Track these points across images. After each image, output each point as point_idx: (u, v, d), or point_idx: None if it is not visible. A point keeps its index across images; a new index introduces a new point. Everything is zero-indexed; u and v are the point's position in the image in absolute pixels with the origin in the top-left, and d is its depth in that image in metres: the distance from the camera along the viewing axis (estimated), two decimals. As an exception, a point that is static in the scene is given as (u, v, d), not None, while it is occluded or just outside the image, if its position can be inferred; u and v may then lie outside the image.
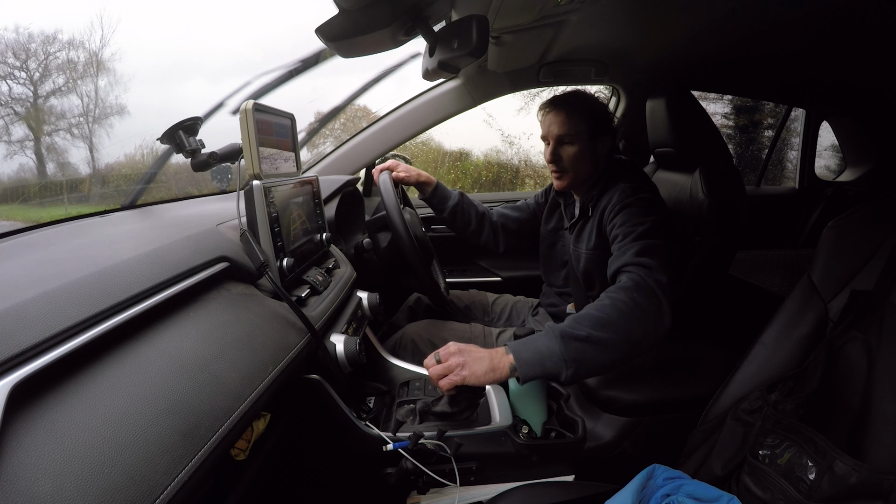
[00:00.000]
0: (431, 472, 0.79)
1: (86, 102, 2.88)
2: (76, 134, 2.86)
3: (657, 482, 0.73)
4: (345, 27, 0.82)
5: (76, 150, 2.85)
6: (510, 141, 3.81)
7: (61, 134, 2.81)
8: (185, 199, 1.30)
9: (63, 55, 2.85)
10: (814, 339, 0.79)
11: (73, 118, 2.83)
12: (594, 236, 1.12)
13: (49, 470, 0.34)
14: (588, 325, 0.79)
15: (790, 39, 1.15)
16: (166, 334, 0.53)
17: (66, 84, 2.86)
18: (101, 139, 2.90)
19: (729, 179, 1.29)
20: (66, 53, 2.87)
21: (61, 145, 2.82)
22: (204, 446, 0.45)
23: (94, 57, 2.94)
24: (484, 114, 3.68)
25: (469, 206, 1.40)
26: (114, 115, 2.98)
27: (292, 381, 0.77)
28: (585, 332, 0.78)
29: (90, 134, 2.87)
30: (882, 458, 0.63)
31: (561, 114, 1.14)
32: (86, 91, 2.89)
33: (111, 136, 2.91)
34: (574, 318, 0.81)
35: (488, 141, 3.92)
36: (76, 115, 2.85)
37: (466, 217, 1.39)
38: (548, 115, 1.16)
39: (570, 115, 1.13)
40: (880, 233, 0.78)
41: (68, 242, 0.69)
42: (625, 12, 1.13)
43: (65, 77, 2.87)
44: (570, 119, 1.13)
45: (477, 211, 1.41)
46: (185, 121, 0.82)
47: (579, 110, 1.13)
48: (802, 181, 2.39)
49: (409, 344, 1.18)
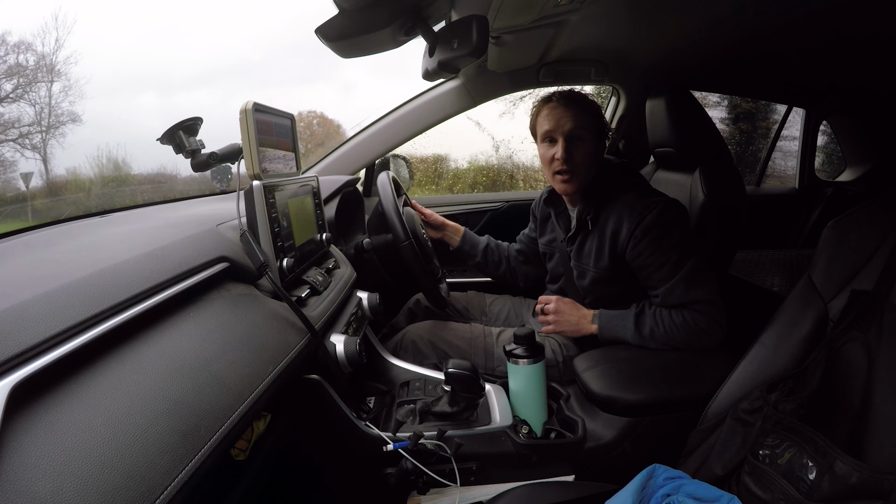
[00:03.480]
0: (431, 472, 0.79)
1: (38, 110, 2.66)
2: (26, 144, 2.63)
3: (657, 482, 0.73)
4: (345, 27, 0.83)
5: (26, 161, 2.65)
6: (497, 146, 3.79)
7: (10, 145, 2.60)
8: (185, 200, 1.30)
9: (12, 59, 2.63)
10: (814, 339, 0.79)
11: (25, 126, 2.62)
12: (605, 257, 1.08)
13: (49, 470, 0.34)
14: (660, 341, 1.02)
15: (790, 39, 1.15)
16: (166, 334, 0.53)
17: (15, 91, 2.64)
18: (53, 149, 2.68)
19: (729, 179, 1.29)
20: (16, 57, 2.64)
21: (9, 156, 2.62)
22: (204, 446, 0.45)
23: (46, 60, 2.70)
24: (471, 122, 3.66)
25: (496, 246, 1.43)
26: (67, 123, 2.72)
27: (292, 381, 0.77)
28: (655, 345, 1.03)
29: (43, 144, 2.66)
30: (882, 458, 0.63)
31: (573, 109, 1.07)
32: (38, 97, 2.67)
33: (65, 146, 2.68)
34: (649, 330, 1.03)
35: (477, 146, 3.90)
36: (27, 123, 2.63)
37: (496, 258, 1.42)
38: (556, 110, 1.08)
39: (582, 110, 1.07)
40: (880, 233, 0.78)
41: (68, 242, 0.69)
42: (625, 12, 1.13)
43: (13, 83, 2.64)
44: (583, 114, 1.07)
45: (503, 250, 1.43)
46: (185, 121, 0.82)
47: (589, 107, 1.09)
48: (802, 181, 2.39)
49: (410, 345, 1.18)
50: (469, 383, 0.84)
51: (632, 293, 1.10)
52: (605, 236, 1.08)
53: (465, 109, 1.67)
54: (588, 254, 1.13)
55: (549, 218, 1.29)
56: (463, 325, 1.24)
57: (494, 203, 1.90)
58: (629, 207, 1.04)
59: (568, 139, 1.07)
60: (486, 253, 1.41)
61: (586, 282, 1.15)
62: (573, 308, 1.14)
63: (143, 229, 0.80)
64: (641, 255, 1.03)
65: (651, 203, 1.03)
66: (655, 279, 1.03)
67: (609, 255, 1.08)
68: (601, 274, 1.11)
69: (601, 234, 1.09)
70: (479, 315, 1.42)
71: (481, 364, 1.14)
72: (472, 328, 1.23)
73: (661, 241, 1.01)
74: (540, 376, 0.92)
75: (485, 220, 1.96)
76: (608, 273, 1.10)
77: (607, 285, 1.12)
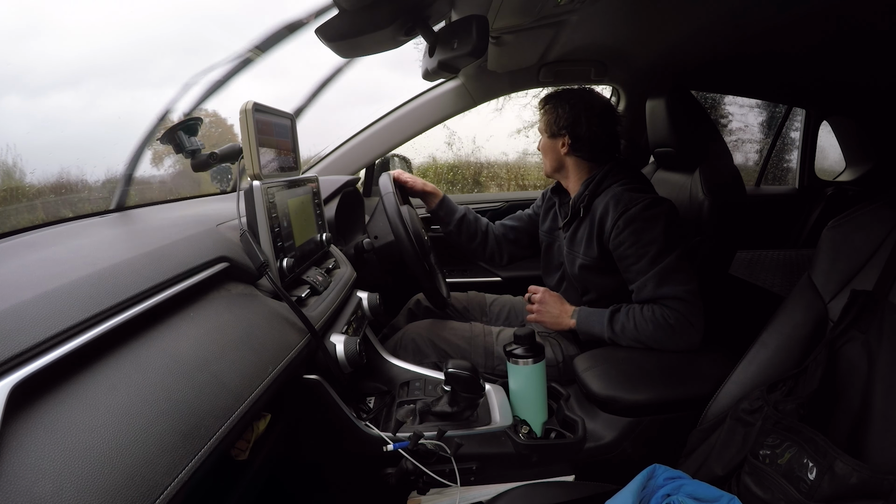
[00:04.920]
0: (431, 472, 0.79)
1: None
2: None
3: (658, 482, 0.73)
4: (345, 28, 0.83)
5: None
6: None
7: None
8: (185, 200, 1.30)
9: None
10: (814, 339, 0.79)
11: None
12: (594, 245, 1.11)
13: (49, 470, 0.34)
14: (630, 336, 1.03)
15: (790, 39, 1.15)
16: (166, 334, 0.53)
17: None
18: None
19: (729, 179, 1.29)
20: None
21: None
22: (204, 446, 0.45)
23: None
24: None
25: (475, 218, 1.41)
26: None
27: (292, 381, 0.77)
28: (627, 342, 1.04)
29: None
30: (882, 458, 0.63)
31: (539, 106, 1.23)
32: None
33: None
34: (620, 326, 1.04)
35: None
36: None
37: (472, 230, 1.40)
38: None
39: (541, 109, 1.22)
40: (880, 233, 0.78)
41: (68, 242, 0.69)
42: (624, 12, 1.13)
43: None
44: (540, 113, 1.22)
45: (481, 224, 1.41)
46: (185, 121, 0.82)
47: (546, 106, 1.20)
48: (802, 181, 2.39)
49: (410, 344, 1.18)
50: (469, 383, 0.84)
51: (622, 292, 1.11)
52: (594, 223, 1.11)
53: (465, 109, 1.67)
54: (580, 241, 1.16)
55: (553, 207, 1.32)
56: (463, 324, 1.24)
57: (494, 203, 1.90)
58: (617, 197, 1.07)
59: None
60: (462, 223, 1.38)
61: (576, 269, 1.17)
62: (557, 301, 1.16)
63: (142, 229, 0.80)
64: (622, 245, 1.04)
65: (638, 197, 1.06)
66: (633, 272, 1.05)
67: (597, 242, 1.10)
68: (589, 262, 1.13)
69: (591, 221, 1.12)
70: (480, 315, 1.42)
71: (481, 363, 1.15)
72: (472, 327, 1.23)
73: (641, 234, 1.02)
74: (540, 376, 0.92)
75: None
76: (596, 262, 1.12)
77: (597, 275, 1.14)
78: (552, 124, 1.18)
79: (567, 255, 1.20)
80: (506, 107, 3.62)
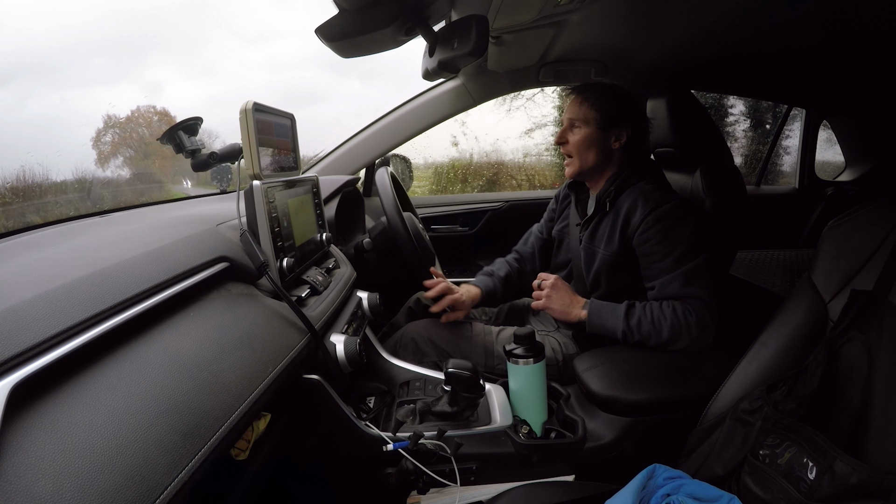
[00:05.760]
0: (431, 472, 0.79)
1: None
2: None
3: (658, 482, 0.73)
4: (345, 27, 0.83)
5: None
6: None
7: None
8: (185, 200, 1.30)
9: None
10: (814, 339, 0.79)
11: None
12: (615, 240, 1.10)
13: (49, 470, 0.34)
14: (645, 332, 1.02)
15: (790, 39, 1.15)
16: (166, 334, 0.53)
17: None
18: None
19: (729, 179, 1.29)
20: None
21: None
22: (204, 446, 0.45)
23: None
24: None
25: (506, 276, 1.37)
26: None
27: (292, 381, 0.77)
28: (637, 338, 1.03)
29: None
30: (882, 458, 0.63)
31: (577, 98, 1.15)
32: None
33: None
34: (637, 320, 1.02)
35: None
36: None
37: (513, 282, 1.39)
38: (567, 99, 1.19)
39: (584, 100, 1.14)
40: (880, 233, 0.78)
41: (68, 242, 0.69)
42: (625, 12, 1.13)
43: None
44: (583, 105, 1.14)
45: (512, 275, 1.39)
46: (185, 121, 0.82)
47: (593, 97, 1.13)
48: (802, 181, 2.39)
49: (410, 343, 1.18)
50: (469, 383, 0.84)
51: (631, 290, 1.11)
52: (618, 218, 1.10)
53: (465, 109, 1.67)
54: (601, 236, 1.14)
55: (569, 204, 1.31)
56: (463, 323, 1.24)
57: (494, 203, 1.90)
58: (647, 195, 1.07)
59: (567, 126, 1.17)
60: (505, 285, 1.36)
61: (594, 265, 1.15)
62: (568, 290, 1.14)
63: (143, 229, 0.80)
64: (648, 241, 1.04)
65: (669, 196, 1.07)
66: (656, 269, 1.04)
67: (619, 237, 1.09)
68: (609, 257, 1.12)
69: (616, 215, 1.11)
70: (480, 315, 1.42)
71: (481, 362, 1.15)
72: (472, 326, 1.23)
73: (669, 232, 1.02)
74: (540, 376, 0.92)
75: (484, 220, 1.96)
76: (615, 257, 1.11)
77: (612, 270, 1.13)
78: (606, 116, 1.13)
79: (585, 249, 1.19)
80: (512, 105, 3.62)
